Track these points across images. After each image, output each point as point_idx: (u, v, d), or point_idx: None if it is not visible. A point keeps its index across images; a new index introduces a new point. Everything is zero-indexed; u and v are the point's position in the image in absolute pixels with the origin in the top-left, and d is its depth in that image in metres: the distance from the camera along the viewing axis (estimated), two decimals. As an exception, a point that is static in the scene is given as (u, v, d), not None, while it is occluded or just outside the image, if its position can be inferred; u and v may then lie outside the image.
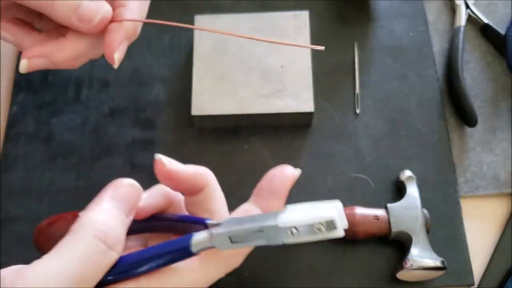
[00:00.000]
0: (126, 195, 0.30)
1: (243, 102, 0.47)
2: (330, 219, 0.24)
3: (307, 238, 0.24)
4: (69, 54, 0.32)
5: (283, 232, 0.25)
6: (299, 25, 0.50)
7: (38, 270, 0.25)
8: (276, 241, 0.25)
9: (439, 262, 0.40)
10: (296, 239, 0.24)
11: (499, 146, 0.48)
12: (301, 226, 0.24)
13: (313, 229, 0.24)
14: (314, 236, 0.24)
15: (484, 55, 0.52)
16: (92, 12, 0.30)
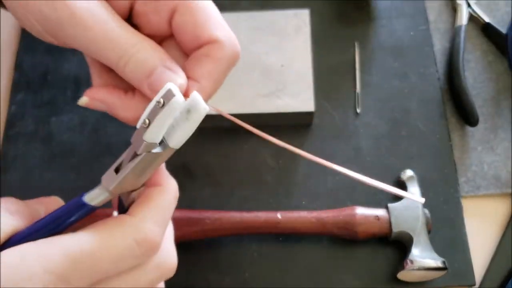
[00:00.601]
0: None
1: (243, 101, 0.47)
2: (166, 89, 0.24)
3: (160, 118, 0.24)
4: (130, 115, 0.30)
5: (140, 131, 0.24)
6: (299, 24, 0.49)
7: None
8: (140, 144, 0.24)
9: (440, 262, 0.40)
10: (152, 128, 0.24)
11: (500, 146, 0.48)
12: (148, 113, 0.24)
13: (156, 108, 0.24)
14: (162, 113, 0.24)
15: (485, 54, 0.52)
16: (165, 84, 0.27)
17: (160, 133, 0.24)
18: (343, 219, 0.42)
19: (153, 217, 0.26)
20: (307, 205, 0.46)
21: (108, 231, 0.25)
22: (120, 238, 0.25)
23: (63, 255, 0.23)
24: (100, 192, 0.26)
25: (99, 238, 0.24)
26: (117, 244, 0.24)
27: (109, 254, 0.24)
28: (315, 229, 0.42)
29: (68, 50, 0.53)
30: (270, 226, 0.42)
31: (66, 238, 0.24)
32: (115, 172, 0.26)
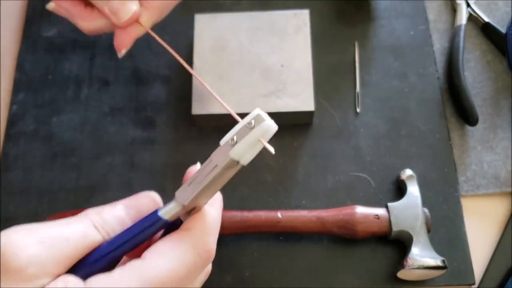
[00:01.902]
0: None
1: (243, 101, 0.47)
2: (256, 113, 0.27)
3: (247, 140, 0.26)
4: (88, 26, 0.35)
5: (226, 147, 0.26)
6: (299, 24, 0.50)
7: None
8: (225, 160, 0.26)
9: (439, 261, 0.40)
10: (239, 146, 0.26)
11: (499, 145, 0.48)
12: (236, 132, 0.26)
13: (246, 129, 0.26)
14: (251, 134, 0.26)
15: (485, 54, 0.52)
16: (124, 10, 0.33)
17: (246, 151, 0.26)
18: (343, 218, 0.42)
19: (209, 230, 0.28)
20: (307, 204, 0.46)
21: (175, 251, 0.26)
22: (186, 255, 0.26)
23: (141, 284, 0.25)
24: (174, 207, 0.27)
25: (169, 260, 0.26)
26: (185, 263, 0.26)
27: (179, 273, 0.26)
28: (315, 228, 0.42)
29: (69, 50, 0.53)
30: (271, 225, 0.42)
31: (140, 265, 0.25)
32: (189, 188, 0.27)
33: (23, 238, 0.24)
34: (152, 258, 0.26)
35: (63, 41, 0.54)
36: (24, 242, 0.24)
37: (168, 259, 0.26)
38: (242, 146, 0.26)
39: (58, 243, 0.25)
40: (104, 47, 0.53)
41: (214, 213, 0.29)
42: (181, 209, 0.27)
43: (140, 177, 0.48)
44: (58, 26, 0.54)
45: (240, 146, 0.26)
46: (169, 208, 0.27)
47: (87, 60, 0.53)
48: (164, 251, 0.26)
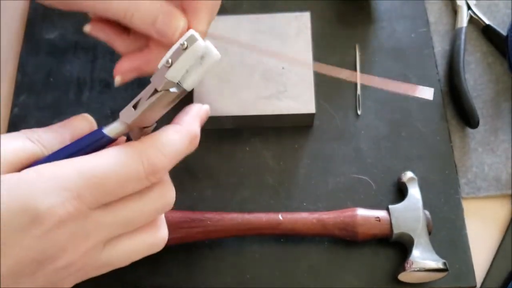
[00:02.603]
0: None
1: (245, 103, 0.47)
2: (189, 34, 0.27)
3: (183, 59, 0.27)
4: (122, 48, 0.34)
5: (162, 70, 0.27)
6: (300, 27, 0.50)
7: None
8: (161, 82, 0.27)
9: (441, 264, 0.40)
10: (175, 67, 0.27)
11: (500, 147, 0.48)
12: (170, 56, 0.27)
13: (180, 51, 0.27)
14: (185, 55, 0.27)
15: (486, 56, 0.52)
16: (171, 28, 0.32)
17: (181, 72, 0.27)
18: (344, 220, 0.42)
19: (162, 147, 0.28)
20: (308, 206, 0.46)
21: (117, 154, 0.26)
22: (128, 159, 0.26)
23: (77, 173, 0.25)
24: (118, 125, 0.28)
25: (109, 159, 0.26)
26: (125, 164, 0.26)
27: (117, 173, 0.26)
28: (316, 230, 0.42)
29: (71, 52, 0.53)
30: (272, 227, 0.42)
31: (80, 159, 0.26)
32: (133, 108, 0.28)
33: None
34: (93, 156, 0.26)
35: (64, 43, 0.54)
36: None
37: (108, 158, 0.26)
38: (176, 67, 0.27)
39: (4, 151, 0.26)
40: (105, 50, 0.53)
41: (176, 137, 0.29)
42: (125, 127, 0.28)
43: (141, 179, 0.48)
44: (59, 28, 0.55)
45: (174, 67, 0.27)
46: (113, 126, 0.28)
47: (88, 62, 0.53)
48: (106, 153, 0.26)
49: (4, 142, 0.27)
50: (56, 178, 0.25)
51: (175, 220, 0.42)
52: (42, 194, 0.24)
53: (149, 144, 0.28)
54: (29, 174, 0.25)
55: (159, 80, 0.27)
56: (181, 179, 0.47)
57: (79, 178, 0.25)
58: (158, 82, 0.27)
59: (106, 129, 0.28)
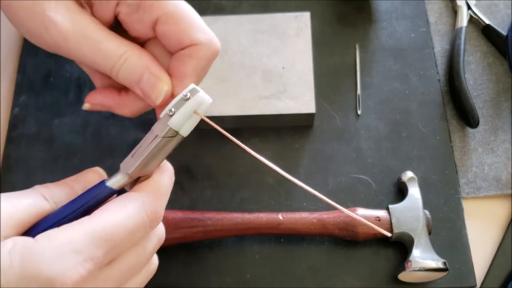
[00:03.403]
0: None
1: (245, 103, 0.47)
2: (191, 87, 0.29)
3: (183, 109, 0.29)
4: (128, 112, 0.34)
5: (165, 118, 0.29)
6: (300, 27, 0.50)
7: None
8: (164, 129, 0.29)
9: (441, 264, 0.40)
10: (177, 117, 0.29)
11: (500, 147, 0.48)
12: (173, 105, 0.29)
13: (182, 101, 0.29)
14: (187, 106, 0.29)
15: (486, 56, 0.52)
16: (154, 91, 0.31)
17: (183, 120, 0.29)
18: (344, 220, 0.42)
19: (157, 192, 0.30)
20: (308, 206, 0.46)
21: (123, 207, 0.27)
22: (133, 212, 0.28)
23: (87, 235, 0.26)
24: (120, 177, 0.29)
25: (115, 215, 0.27)
26: (131, 217, 0.27)
27: (126, 227, 0.27)
28: (316, 230, 0.42)
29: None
30: (272, 227, 0.42)
31: (88, 220, 0.27)
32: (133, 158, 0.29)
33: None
34: (100, 214, 0.27)
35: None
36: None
37: (115, 214, 0.27)
38: (178, 116, 0.29)
39: (7, 209, 0.26)
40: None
41: (163, 179, 0.30)
42: (127, 178, 0.29)
43: (142, 179, 0.48)
44: (59, 28, 0.55)
45: (177, 116, 0.29)
46: (115, 178, 0.29)
47: (88, 62, 0.53)
48: (112, 208, 0.27)
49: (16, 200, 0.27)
50: (68, 243, 0.25)
51: (175, 220, 0.42)
52: (55, 261, 0.25)
53: (147, 192, 0.29)
54: (41, 242, 0.25)
55: (161, 127, 0.29)
56: (181, 179, 0.47)
57: (90, 240, 0.26)
58: (160, 129, 0.29)
59: (109, 182, 0.29)
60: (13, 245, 0.25)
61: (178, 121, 0.29)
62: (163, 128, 0.29)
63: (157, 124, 0.29)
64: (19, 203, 0.27)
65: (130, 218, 0.27)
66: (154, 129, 0.29)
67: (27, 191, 0.29)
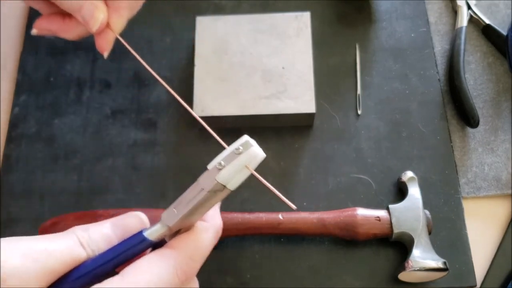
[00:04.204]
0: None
1: (245, 103, 0.47)
2: (245, 140, 0.27)
3: (234, 164, 0.26)
4: (70, 35, 0.39)
5: (213, 171, 0.27)
6: (300, 27, 0.50)
7: None
8: (211, 183, 0.26)
9: (441, 263, 0.40)
10: (226, 171, 0.26)
11: (500, 147, 0.48)
12: (224, 158, 0.27)
13: (234, 154, 0.27)
14: (238, 160, 0.26)
15: (486, 55, 0.52)
16: (92, 18, 0.36)
17: (232, 175, 0.27)
18: (344, 220, 0.42)
19: (194, 253, 0.28)
20: (308, 206, 0.46)
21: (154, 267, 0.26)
22: (164, 274, 0.26)
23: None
24: (159, 228, 0.28)
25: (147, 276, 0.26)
26: (161, 281, 0.26)
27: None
28: (316, 230, 0.42)
29: (71, 52, 0.53)
30: (272, 227, 0.42)
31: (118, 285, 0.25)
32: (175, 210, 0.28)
33: (7, 249, 0.24)
34: (131, 274, 0.26)
35: (65, 43, 0.54)
36: (7, 253, 0.24)
37: (146, 276, 0.26)
38: (228, 170, 0.26)
39: (42, 257, 0.25)
40: (105, 49, 0.53)
41: (205, 238, 0.29)
42: (167, 230, 0.28)
43: (142, 179, 0.48)
44: (60, 28, 0.55)
45: (227, 170, 0.26)
46: (155, 229, 0.28)
47: (88, 62, 0.53)
48: (143, 268, 0.26)
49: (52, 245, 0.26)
50: None
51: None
52: None
53: (183, 253, 0.28)
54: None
55: (208, 181, 0.27)
56: (181, 179, 0.47)
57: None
58: (207, 183, 0.27)
59: (147, 232, 0.28)
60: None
61: (228, 176, 0.27)
62: (210, 182, 0.27)
63: (204, 176, 0.27)
64: (54, 250, 0.26)
65: (160, 281, 0.26)
66: (201, 181, 0.27)
67: (65, 234, 0.27)
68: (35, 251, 0.25)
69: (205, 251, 0.29)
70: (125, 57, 0.53)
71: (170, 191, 0.47)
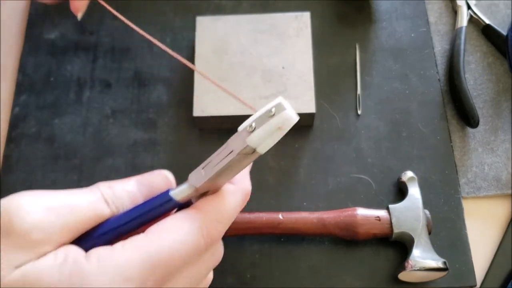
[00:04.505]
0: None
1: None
2: (278, 101, 0.25)
3: (266, 128, 0.25)
4: None
5: (243, 133, 0.25)
6: (300, 27, 0.50)
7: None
8: (241, 146, 0.25)
9: (441, 263, 0.40)
10: (257, 133, 0.25)
11: (500, 147, 0.48)
12: (255, 120, 0.25)
13: (266, 117, 0.25)
14: (270, 123, 0.25)
15: (486, 55, 0.52)
16: None
17: (264, 138, 0.25)
18: (344, 219, 0.42)
19: (220, 216, 0.27)
20: (308, 206, 0.46)
21: (180, 228, 0.26)
22: (190, 236, 0.26)
23: (140, 259, 0.24)
24: (186, 189, 0.27)
25: (171, 238, 0.25)
26: (187, 242, 0.26)
27: (181, 253, 0.25)
28: (316, 230, 0.42)
29: (71, 52, 0.53)
30: (272, 226, 0.42)
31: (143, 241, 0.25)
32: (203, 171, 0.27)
33: (31, 202, 0.24)
34: (155, 234, 0.25)
35: (65, 43, 0.54)
36: (31, 207, 0.24)
37: (171, 236, 0.25)
38: (260, 133, 0.25)
39: (66, 212, 0.25)
40: (106, 50, 0.53)
41: (232, 201, 0.28)
42: (193, 191, 0.27)
43: (142, 179, 0.48)
44: (60, 28, 0.55)
45: (258, 133, 0.25)
46: (181, 189, 0.27)
47: (89, 62, 0.53)
48: (169, 228, 0.26)
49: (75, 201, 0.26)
50: (119, 268, 0.24)
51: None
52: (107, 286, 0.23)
53: (209, 214, 0.27)
54: (93, 263, 0.24)
55: (238, 143, 0.26)
56: (181, 179, 0.47)
57: (143, 267, 0.24)
58: (237, 145, 0.26)
59: (173, 192, 0.27)
60: (64, 259, 0.24)
61: (259, 139, 0.25)
62: (240, 144, 0.26)
63: (234, 138, 0.26)
64: (78, 205, 0.25)
65: (186, 243, 0.26)
66: (230, 143, 0.26)
67: (89, 189, 0.27)
68: (59, 206, 0.25)
69: (232, 214, 0.28)
70: (125, 57, 0.53)
71: (170, 191, 0.47)
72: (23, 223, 0.23)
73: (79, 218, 0.25)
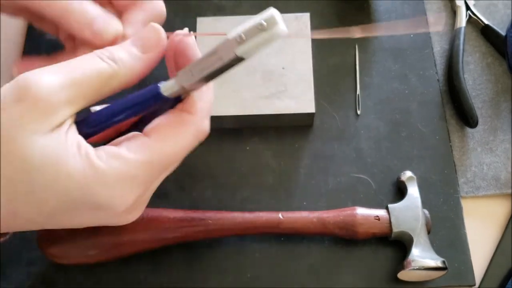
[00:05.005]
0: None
1: (245, 103, 0.47)
2: (270, 15, 0.26)
3: (255, 41, 0.26)
4: None
5: (232, 42, 0.26)
6: (300, 27, 0.50)
7: None
8: (229, 55, 0.27)
9: (440, 263, 0.40)
10: (246, 46, 0.26)
11: (499, 147, 0.48)
12: (246, 31, 0.26)
13: (257, 29, 0.26)
14: (260, 37, 0.26)
15: (485, 56, 0.52)
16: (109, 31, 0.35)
17: (252, 51, 0.26)
18: (344, 219, 0.42)
19: (207, 113, 0.31)
20: (308, 205, 0.46)
21: (179, 136, 0.30)
22: (188, 139, 0.30)
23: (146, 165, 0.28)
24: (174, 85, 0.29)
25: (173, 143, 0.29)
26: (186, 146, 0.30)
27: (179, 154, 0.30)
28: (316, 229, 0.42)
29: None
30: (272, 226, 0.42)
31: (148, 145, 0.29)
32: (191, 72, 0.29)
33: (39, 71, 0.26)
34: (158, 139, 0.29)
35: (65, 43, 0.54)
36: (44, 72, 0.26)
37: (172, 142, 0.29)
38: (249, 45, 0.26)
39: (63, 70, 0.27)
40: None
41: (210, 96, 0.32)
42: (180, 89, 0.30)
43: (142, 179, 0.48)
44: (60, 28, 0.55)
45: (248, 45, 0.26)
46: (170, 85, 0.29)
47: (89, 62, 0.53)
48: (169, 134, 0.29)
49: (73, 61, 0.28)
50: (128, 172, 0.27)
51: (176, 219, 0.42)
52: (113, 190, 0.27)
53: (201, 114, 0.31)
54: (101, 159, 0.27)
55: (227, 52, 0.27)
56: (181, 179, 0.47)
57: (147, 170, 0.28)
58: (226, 54, 0.27)
59: (162, 87, 0.30)
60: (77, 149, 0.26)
61: (247, 50, 0.26)
62: (229, 54, 0.26)
63: (223, 45, 0.27)
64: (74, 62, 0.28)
65: (185, 146, 0.30)
66: (219, 50, 0.27)
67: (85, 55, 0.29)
68: (56, 66, 0.27)
69: (211, 105, 0.32)
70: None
71: (170, 191, 0.47)
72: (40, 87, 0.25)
73: (84, 75, 0.27)
